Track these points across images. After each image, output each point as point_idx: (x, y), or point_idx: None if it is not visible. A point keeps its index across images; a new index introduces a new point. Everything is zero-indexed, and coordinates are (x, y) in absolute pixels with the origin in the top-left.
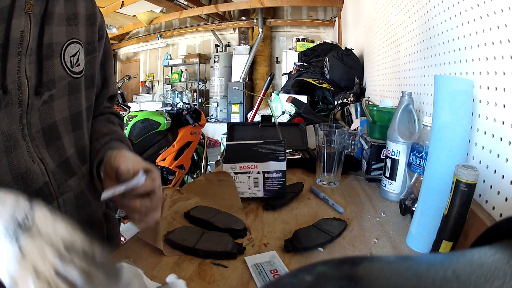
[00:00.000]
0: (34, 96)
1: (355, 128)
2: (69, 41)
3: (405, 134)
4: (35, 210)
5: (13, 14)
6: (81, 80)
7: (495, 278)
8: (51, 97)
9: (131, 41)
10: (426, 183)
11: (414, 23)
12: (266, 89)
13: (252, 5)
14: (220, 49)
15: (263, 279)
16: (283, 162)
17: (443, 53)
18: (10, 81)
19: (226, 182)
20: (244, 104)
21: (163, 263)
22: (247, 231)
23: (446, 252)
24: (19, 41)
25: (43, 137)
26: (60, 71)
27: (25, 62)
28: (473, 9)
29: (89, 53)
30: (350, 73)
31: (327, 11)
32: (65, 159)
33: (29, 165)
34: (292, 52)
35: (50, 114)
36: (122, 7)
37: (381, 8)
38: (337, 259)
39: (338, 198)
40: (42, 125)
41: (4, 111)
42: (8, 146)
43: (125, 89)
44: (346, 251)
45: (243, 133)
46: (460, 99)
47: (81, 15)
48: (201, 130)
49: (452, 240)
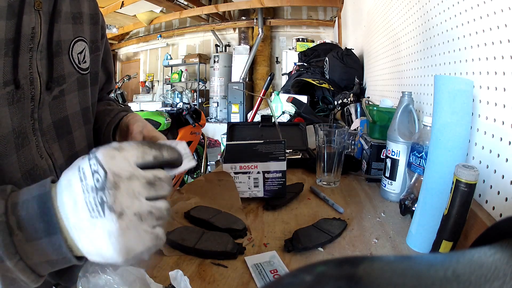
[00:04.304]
0: (45, 91)
1: (355, 128)
2: (75, 38)
3: (405, 134)
4: (98, 158)
5: (23, 10)
6: (88, 77)
7: (495, 278)
8: (62, 92)
9: (131, 41)
10: (426, 183)
11: (414, 23)
12: (266, 89)
13: (252, 5)
14: (220, 49)
15: (263, 279)
16: (283, 162)
17: (443, 53)
18: (22, 76)
19: (226, 182)
20: (244, 104)
21: (163, 263)
22: (247, 231)
23: (446, 252)
24: (30, 37)
25: (54, 131)
26: (69, 67)
27: (37, 58)
28: (473, 9)
29: (93, 51)
30: (350, 73)
31: (327, 11)
32: (75, 153)
33: (37, 161)
34: (292, 52)
35: (61, 108)
36: (122, 7)
37: (381, 8)
38: (337, 259)
39: (338, 198)
40: (53, 119)
41: (16, 106)
42: (18, 143)
43: (125, 89)
44: (346, 251)
45: (243, 133)
46: (460, 99)
47: (85, 14)
48: (201, 130)
49: (452, 240)
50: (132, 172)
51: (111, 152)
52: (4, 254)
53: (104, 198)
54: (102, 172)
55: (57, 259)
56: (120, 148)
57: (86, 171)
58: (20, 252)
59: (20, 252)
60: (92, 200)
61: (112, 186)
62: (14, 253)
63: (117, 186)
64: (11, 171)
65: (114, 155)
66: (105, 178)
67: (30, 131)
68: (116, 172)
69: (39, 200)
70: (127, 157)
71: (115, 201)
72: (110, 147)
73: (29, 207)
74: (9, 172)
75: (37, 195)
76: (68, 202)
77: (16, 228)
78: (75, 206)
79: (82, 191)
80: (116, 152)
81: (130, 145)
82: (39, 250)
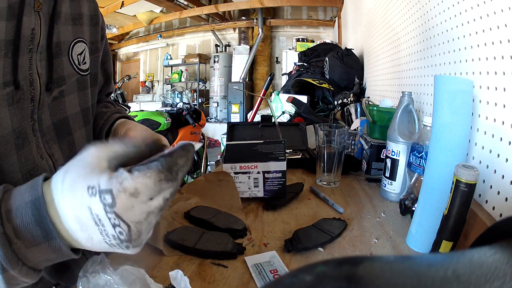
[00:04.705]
0: (45, 92)
1: (355, 128)
2: (75, 40)
3: (405, 134)
4: (117, 213)
5: (23, 11)
6: (88, 78)
7: (495, 278)
8: (61, 93)
9: (131, 41)
10: (426, 183)
11: (414, 23)
12: (266, 89)
13: (252, 5)
14: (220, 49)
15: (263, 279)
16: (283, 162)
17: (443, 53)
18: (21, 77)
19: (226, 182)
20: (244, 104)
21: (163, 263)
22: (247, 231)
23: (446, 252)
24: (30, 38)
25: (54, 132)
26: (69, 68)
27: (36, 59)
28: (473, 9)
29: (92, 52)
30: (350, 73)
31: (327, 11)
32: (75, 154)
33: (37, 161)
34: (292, 52)
35: (61, 109)
36: (122, 7)
37: (381, 8)
38: (337, 259)
39: (338, 198)
40: (53, 120)
41: (16, 106)
42: (18, 143)
43: (125, 89)
44: (346, 251)
45: (243, 133)
46: (460, 99)
47: (85, 15)
48: (201, 130)
49: (452, 240)
50: (148, 210)
51: (129, 203)
52: (8, 265)
53: (130, 245)
54: (125, 227)
55: (56, 257)
56: (136, 193)
57: (103, 220)
58: (22, 258)
59: (22, 258)
60: (114, 244)
61: (137, 236)
62: (16, 261)
63: (140, 233)
64: (12, 172)
65: (132, 205)
66: (129, 232)
67: (30, 132)
68: (137, 220)
69: (32, 207)
70: (144, 201)
71: (139, 243)
72: (126, 192)
73: (23, 214)
74: (9, 173)
75: (30, 201)
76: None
77: (14, 236)
78: (89, 240)
79: (100, 233)
80: (133, 201)
81: (146, 185)
82: (39, 253)
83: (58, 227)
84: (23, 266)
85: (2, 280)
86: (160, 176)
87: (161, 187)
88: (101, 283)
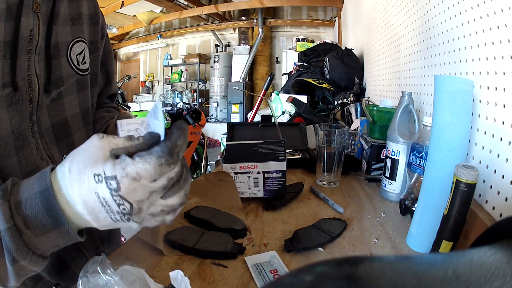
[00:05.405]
0: (43, 93)
1: (355, 128)
2: (74, 40)
3: (405, 134)
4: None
5: (21, 12)
6: (88, 78)
7: (495, 278)
8: (60, 95)
9: (131, 41)
10: (426, 183)
11: (414, 23)
12: (266, 89)
13: (252, 5)
14: (220, 49)
15: (263, 279)
16: (283, 162)
17: (443, 53)
18: (20, 79)
19: (226, 182)
20: (244, 104)
21: (163, 263)
22: (247, 231)
23: (446, 252)
24: (28, 40)
25: (53, 134)
26: (67, 69)
27: (35, 60)
28: (473, 9)
29: (92, 52)
30: (350, 73)
31: (327, 11)
32: None
33: (37, 163)
34: (292, 52)
35: (60, 111)
36: (122, 7)
37: (381, 8)
38: (337, 259)
39: (338, 198)
40: (52, 122)
41: (14, 108)
42: (17, 145)
43: (125, 89)
44: (346, 251)
45: (243, 133)
46: (460, 99)
47: (85, 15)
48: (201, 130)
49: (452, 240)
50: (150, 190)
51: (132, 186)
52: (19, 256)
53: (131, 218)
54: (128, 205)
55: (65, 242)
56: (138, 177)
57: (109, 202)
58: (32, 248)
59: (32, 247)
60: (118, 218)
61: (137, 212)
62: (27, 251)
63: (141, 209)
64: (12, 173)
65: (135, 187)
66: (131, 208)
67: (29, 133)
68: (138, 199)
69: (41, 197)
70: (145, 184)
71: (139, 218)
72: (129, 177)
73: (33, 205)
74: (10, 174)
75: (39, 192)
76: (84, 214)
77: (24, 227)
78: (96, 220)
79: (105, 212)
80: (136, 184)
81: (147, 170)
82: (48, 240)
83: (67, 213)
84: (33, 255)
85: (12, 272)
86: (161, 161)
87: (162, 170)
88: (101, 283)
